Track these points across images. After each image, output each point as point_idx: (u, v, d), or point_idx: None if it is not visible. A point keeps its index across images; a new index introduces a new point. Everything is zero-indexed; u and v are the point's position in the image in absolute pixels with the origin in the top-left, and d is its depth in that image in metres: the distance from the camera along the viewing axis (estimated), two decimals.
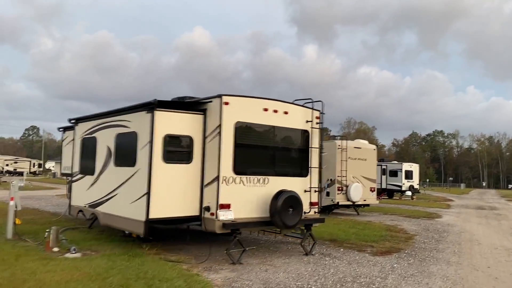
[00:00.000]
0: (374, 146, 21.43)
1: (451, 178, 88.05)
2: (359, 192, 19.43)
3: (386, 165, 37.66)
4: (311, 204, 9.73)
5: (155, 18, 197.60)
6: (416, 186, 37.53)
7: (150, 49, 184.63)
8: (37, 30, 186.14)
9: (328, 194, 19.25)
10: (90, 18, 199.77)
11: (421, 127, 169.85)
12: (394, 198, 37.98)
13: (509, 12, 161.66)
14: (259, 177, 8.80)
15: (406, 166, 37.14)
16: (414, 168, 37.84)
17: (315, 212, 9.87)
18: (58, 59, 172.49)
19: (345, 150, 19.17)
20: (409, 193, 35.74)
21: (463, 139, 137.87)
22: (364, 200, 20.09)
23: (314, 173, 9.86)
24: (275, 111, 9.16)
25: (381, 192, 36.87)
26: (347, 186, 19.21)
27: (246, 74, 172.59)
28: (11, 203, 10.01)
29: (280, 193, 8.69)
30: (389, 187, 37.24)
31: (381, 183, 37.11)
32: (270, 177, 9.02)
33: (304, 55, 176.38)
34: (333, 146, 19.29)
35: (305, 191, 9.63)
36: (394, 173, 37.08)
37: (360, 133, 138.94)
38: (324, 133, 18.87)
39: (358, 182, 19.69)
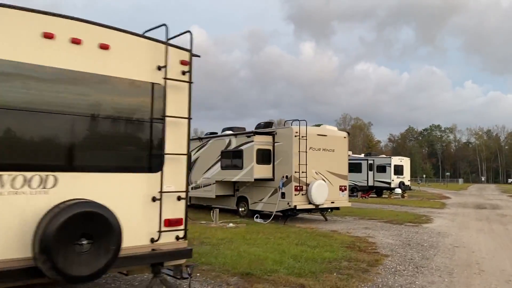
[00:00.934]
0: (344, 134, 16.76)
1: (448, 173, 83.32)
2: (323, 192, 14.81)
3: (373, 160, 33.03)
4: (167, 223, 5.10)
5: (150, 17, 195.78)
6: (407, 183, 32.87)
7: None
8: None
9: (283, 195, 14.65)
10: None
11: (419, 122, 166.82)
12: (383, 196, 33.41)
13: (507, 6, 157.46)
14: (29, 174, 4.21)
15: (395, 160, 32.50)
16: (405, 162, 33.19)
17: (177, 239, 5.23)
18: None
19: (304, 138, 14.56)
20: (398, 190, 31.10)
21: (461, 133, 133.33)
22: (332, 202, 15.46)
23: (175, 165, 5.22)
24: (76, 42, 4.54)
25: (368, 190, 32.35)
26: (307, 185, 14.60)
27: (243, 73, 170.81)
28: None
29: (60, 208, 4.08)
30: (377, 184, 32.62)
31: (367, 180, 32.53)
32: (62, 175, 4.41)
33: (302, 52, 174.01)
34: (289, 134, 14.69)
35: (154, 199, 5.01)
36: (382, 169, 32.46)
37: (356, 129, 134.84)
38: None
39: (323, 179, 15.09)
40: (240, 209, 16.30)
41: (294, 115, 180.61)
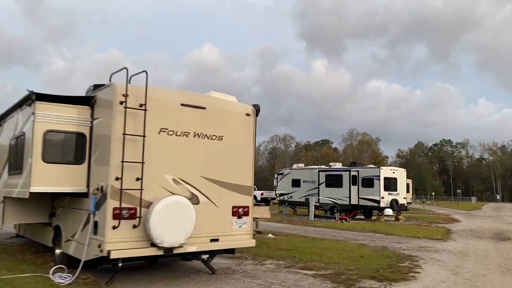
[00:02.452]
0: (247, 108, 8.80)
1: (459, 191, 74.05)
2: (180, 222, 7.03)
3: (358, 171, 25.03)
4: None
5: (164, 36, 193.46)
6: (403, 201, 24.71)
7: (159, 67, 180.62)
8: (48, 50, 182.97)
9: (96, 228, 6.92)
10: (100, 37, 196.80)
11: (430, 139, 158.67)
12: (372, 218, 25.35)
13: None
14: None
15: (386, 172, 24.42)
16: (399, 174, 25.07)
17: None
18: (68, 78, 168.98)
19: (143, 108, 6.93)
20: (389, 211, 22.93)
21: (473, 149, 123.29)
22: (215, 240, 7.66)
23: None
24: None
25: (350, 211, 24.24)
26: (148, 207, 6.86)
27: (255, 90, 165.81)
28: None
29: None
30: (363, 202, 24.55)
31: (350, 198, 24.46)
32: None
33: (313, 69, 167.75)
34: (109, 99, 7.02)
35: None
36: (369, 183, 24.44)
37: (363, 144, 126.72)
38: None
39: (193, 193, 7.39)
40: (57, 250, 8.59)
41: (305, 132, 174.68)
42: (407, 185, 43.84)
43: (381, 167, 24.38)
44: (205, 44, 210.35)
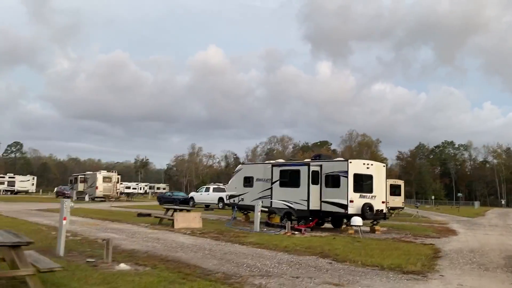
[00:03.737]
0: None
1: (460, 194, 66.79)
2: None
3: (320, 165, 18.42)
4: None
5: (169, 38, 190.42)
6: (381, 206, 18.09)
7: (164, 68, 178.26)
8: (53, 50, 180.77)
9: None
10: (105, 38, 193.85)
11: (433, 142, 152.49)
12: (342, 228, 18.81)
13: None
14: None
15: (356, 166, 17.74)
16: (376, 170, 18.39)
17: None
18: (73, 79, 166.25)
19: None
20: (357, 220, 16.26)
21: (477, 151, 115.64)
22: None
23: None
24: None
25: (311, 219, 17.76)
26: None
27: (259, 92, 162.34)
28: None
29: None
30: (327, 207, 17.95)
31: (308, 201, 17.94)
32: None
33: (318, 72, 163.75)
34: None
35: None
36: (334, 181, 17.83)
37: (363, 146, 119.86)
38: None
39: None
40: None
41: (309, 134, 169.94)
42: (398, 187, 37.28)
43: (349, 160, 17.71)
44: (210, 46, 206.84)
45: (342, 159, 17.88)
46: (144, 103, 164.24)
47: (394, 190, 34.78)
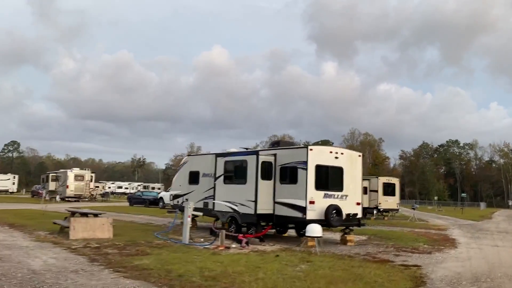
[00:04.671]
0: None
1: (464, 195, 61.43)
2: None
3: (274, 154, 13.73)
4: None
5: (174, 38, 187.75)
6: (354, 209, 13.38)
7: (169, 69, 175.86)
8: (58, 51, 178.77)
9: None
10: (110, 39, 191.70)
11: (437, 142, 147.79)
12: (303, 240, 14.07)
13: None
14: None
15: (320, 155, 12.96)
16: (348, 161, 13.61)
17: None
18: (78, 79, 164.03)
19: None
20: (314, 230, 11.50)
21: (483, 151, 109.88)
22: None
23: None
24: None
25: (261, 226, 13.04)
26: None
27: (264, 92, 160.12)
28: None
29: None
30: (281, 210, 13.26)
31: (256, 202, 13.27)
32: None
33: (323, 72, 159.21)
34: None
35: None
36: (291, 175, 13.16)
37: (365, 145, 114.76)
38: None
39: None
40: None
41: (313, 134, 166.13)
42: (392, 185, 32.41)
43: (310, 146, 12.93)
44: (214, 46, 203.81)
45: (301, 145, 13.16)
46: (149, 103, 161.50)
47: (388, 189, 29.99)
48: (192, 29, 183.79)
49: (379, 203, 28.96)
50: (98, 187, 62.06)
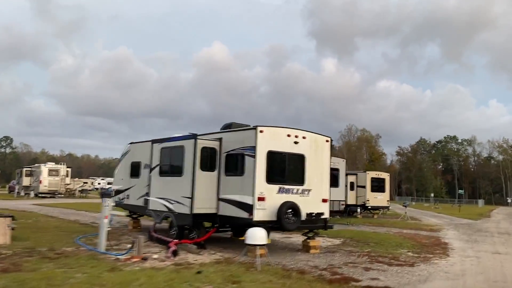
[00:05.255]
0: None
1: (461, 191, 58.48)
2: None
3: (220, 139, 10.83)
4: None
5: (174, 34, 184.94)
6: (319, 207, 10.48)
7: (168, 65, 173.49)
8: (57, 47, 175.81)
9: None
10: (109, 35, 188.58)
11: (435, 138, 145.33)
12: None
13: None
14: None
15: (272, 140, 10.06)
16: (310, 147, 10.71)
17: None
18: (77, 75, 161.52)
19: None
20: (256, 236, 8.53)
21: (481, 147, 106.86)
22: None
23: None
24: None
25: (197, 228, 9.98)
26: None
27: (264, 88, 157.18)
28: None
29: None
30: (226, 210, 10.35)
31: (192, 198, 10.24)
32: None
33: (323, 68, 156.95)
34: None
35: None
36: (237, 165, 10.26)
37: (362, 141, 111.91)
38: None
39: None
40: None
41: (313, 131, 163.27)
42: (382, 181, 29.52)
43: (259, 127, 10.01)
44: (214, 42, 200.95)
45: (249, 126, 10.28)
46: (148, 99, 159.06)
47: (377, 185, 27.11)
48: (192, 25, 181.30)
49: (367, 200, 26.07)
50: (86, 183, 59.43)
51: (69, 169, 43.78)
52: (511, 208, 64.46)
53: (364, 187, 26.38)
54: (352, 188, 26.35)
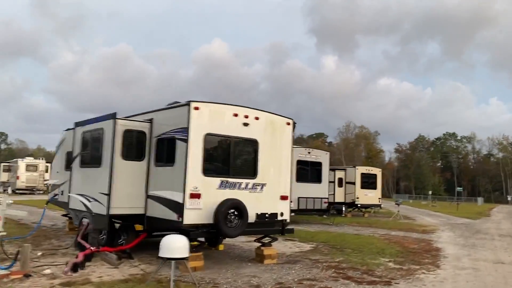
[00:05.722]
0: None
1: (459, 189, 56.10)
2: None
3: (150, 120, 8.57)
4: None
5: (174, 31, 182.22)
6: (273, 208, 8.22)
7: (168, 62, 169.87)
8: (57, 43, 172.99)
9: None
10: (109, 31, 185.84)
11: (436, 136, 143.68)
12: (217, 247, 8.93)
13: None
14: None
15: (212, 120, 7.75)
16: (265, 130, 8.45)
17: None
18: (77, 72, 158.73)
19: None
20: (173, 245, 6.22)
21: (481, 144, 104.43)
22: None
23: None
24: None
25: (114, 233, 7.51)
26: None
27: (264, 86, 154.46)
28: None
29: None
30: (155, 210, 8.08)
31: (109, 196, 7.90)
32: None
33: (323, 66, 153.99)
34: None
35: None
36: (168, 152, 7.99)
37: (360, 138, 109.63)
38: None
39: None
40: None
41: (313, 129, 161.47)
42: (373, 177, 27.26)
43: (193, 103, 7.71)
44: (214, 39, 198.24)
45: (183, 102, 8.00)
46: (148, 96, 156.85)
47: (368, 182, 24.85)
48: (191, 22, 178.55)
49: (357, 198, 23.82)
50: None
51: (49, 164, 41.57)
52: (511, 206, 62.17)
53: (353, 183, 24.12)
54: (340, 185, 24.10)
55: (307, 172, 18.04)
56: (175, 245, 6.03)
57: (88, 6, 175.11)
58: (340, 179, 24.18)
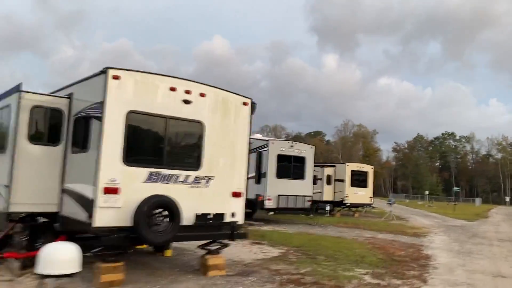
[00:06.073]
0: None
1: (456, 189, 54.47)
2: None
3: (70, 96, 6.86)
4: None
5: (174, 27, 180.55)
6: (222, 207, 6.54)
7: (169, 58, 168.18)
8: (58, 38, 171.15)
9: None
10: (110, 26, 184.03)
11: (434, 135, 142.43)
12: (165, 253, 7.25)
13: None
14: None
15: (141, 93, 6.07)
16: (213, 110, 6.75)
17: None
18: (77, 67, 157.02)
19: None
20: (56, 258, 4.63)
21: (480, 144, 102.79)
22: None
23: None
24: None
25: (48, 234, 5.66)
26: None
27: (264, 83, 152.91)
28: None
29: None
30: (69, 208, 6.39)
31: (10, 188, 6.16)
32: None
33: (324, 64, 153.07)
34: None
35: None
36: (84, 134, 6.31)
37: (358, 137, 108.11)
38: None
39: None
40: None
41: (313, 127, 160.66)
42: (364, 174, 25.54)
43: (111, 72, 6.00)
44: (215, 36, 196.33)
45: (100, 70, 6.36)
46: None
47: (358, 179, 23.19)
48: (192, 18, 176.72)
49: (346, 196, 22.15)
50: None
51: None
52: (510, 207, 60.54)
53: (343, 181, 22.46)
54: (328, 182, 22.46)
55: (289, 167, 16.41)
56: (58, 259, 4.35)
57: (89, 1, 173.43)
58: (329, 176, 22.56)
